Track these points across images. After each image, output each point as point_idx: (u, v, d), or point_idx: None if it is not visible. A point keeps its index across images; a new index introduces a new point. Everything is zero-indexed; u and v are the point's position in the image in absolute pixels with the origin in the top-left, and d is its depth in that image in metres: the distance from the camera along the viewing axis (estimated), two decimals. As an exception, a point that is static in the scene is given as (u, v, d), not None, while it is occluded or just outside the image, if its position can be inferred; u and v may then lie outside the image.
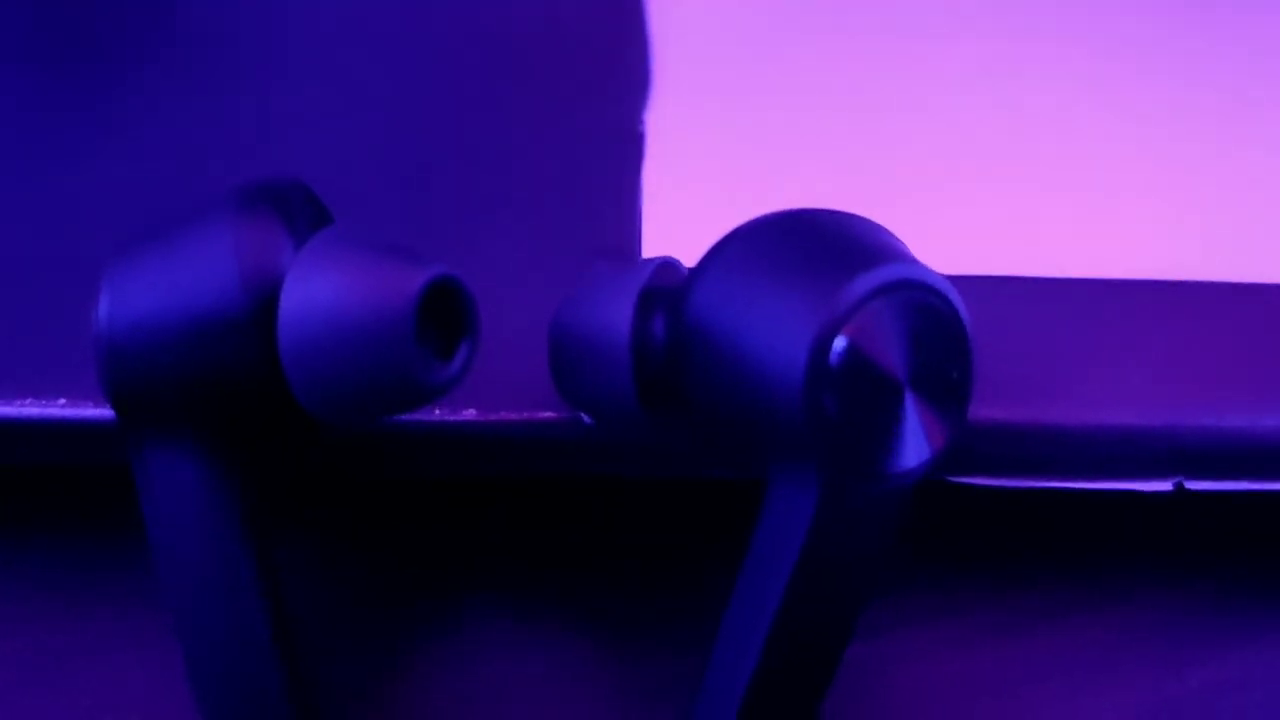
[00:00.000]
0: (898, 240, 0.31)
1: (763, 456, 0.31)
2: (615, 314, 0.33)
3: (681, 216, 0.40)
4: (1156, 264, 0.38)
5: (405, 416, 0.35)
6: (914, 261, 0.30)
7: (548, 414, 0.35)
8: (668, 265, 0.34)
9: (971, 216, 0.40)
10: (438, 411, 0.36)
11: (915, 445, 0.30)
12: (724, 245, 0.32)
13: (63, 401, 0.36)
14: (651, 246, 0.39)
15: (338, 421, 0.31)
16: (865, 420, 0.29)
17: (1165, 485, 0.37)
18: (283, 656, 0.33)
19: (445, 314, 0.31)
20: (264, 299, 0.31)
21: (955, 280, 0.31)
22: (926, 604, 0.37)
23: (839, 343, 0.29)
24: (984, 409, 0.35)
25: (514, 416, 0.36)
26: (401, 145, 0.41)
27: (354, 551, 0.38)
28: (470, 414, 0.36)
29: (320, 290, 0.30)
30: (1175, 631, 0.37)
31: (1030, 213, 0.39)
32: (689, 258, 0.33)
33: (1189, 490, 0.36)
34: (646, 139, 0.41)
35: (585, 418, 0.35)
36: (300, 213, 0.32)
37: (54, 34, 0.43)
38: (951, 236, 0.39)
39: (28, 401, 0.36)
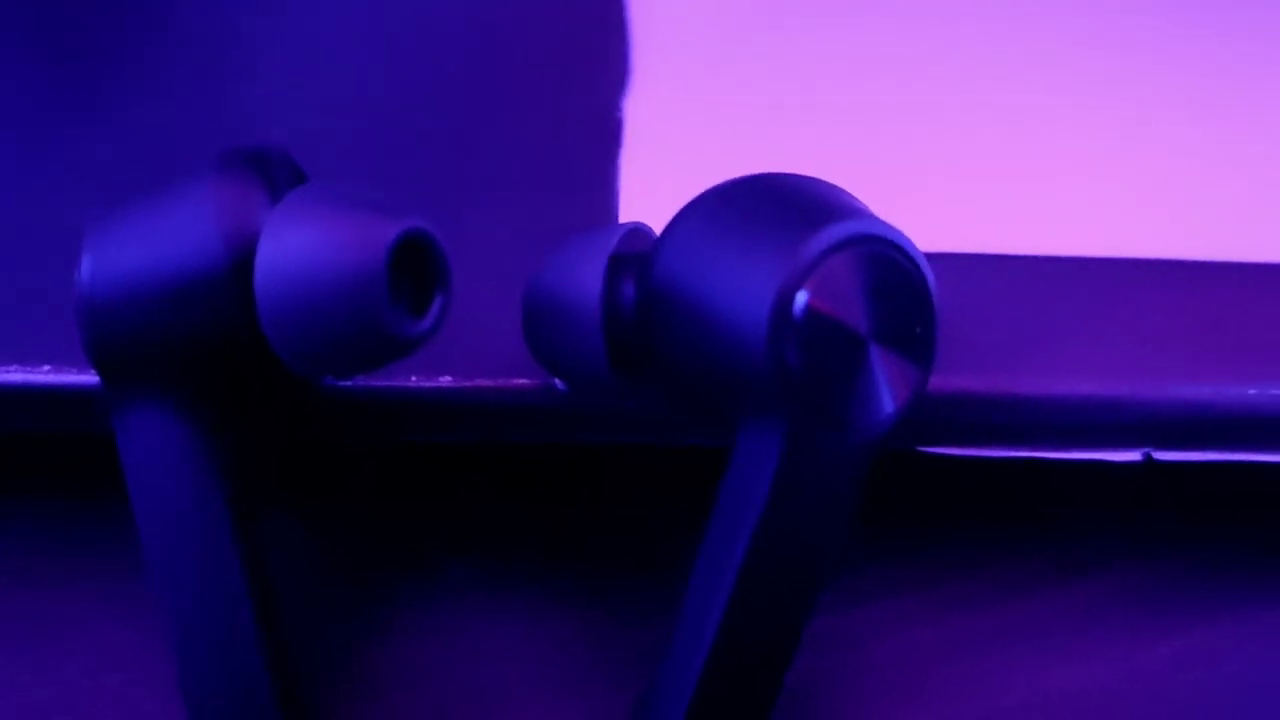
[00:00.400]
0: (859, 201, 0.32)
1: (730, 412, 0.32)
2: (585, 278, 0.34)
3: (658, 199, 0.41)
4: (1126, 243, 0.39)
5: (381, 382, 0.36)
6: (874, 217, 0.31)
7: (522, 381, 0.36)
8: (637, 231, 0.34)
9: (947, 196, 0.40)
10: (414, 378, 0.36)
11: (880, 397, 0.30)
12: (690, 208, 0.33)
13: (47, 368, 0.37)
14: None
15: (314, 376, 0.32)
16: (830, 371, 0.30)
17: (1134, 455, 0.37)
18: (263, 618, 0.33)
19: (419, 268, 0.32)
20: (242, 254, 0.31)
21: (930, 258, 0.31)
22: (897, 575, 0.37)
23: (801, 296, 0.30)
24: (955, 379, 0.36)
25: (489, 383, 0.36)
26: (385, 128, 0.41)
27: (330, 517, 0.38)
28: (446, 380, 0.36)
29: (294, 243, 0.31)
30: (1144, 603, 0.37)
31: (1005, 193, 0.40)
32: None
33: (1158, 461, 0.37)
34: (625, 126, 0.42)
35: (559, 384, 0.36)
36: (279, 174, 0.33)
37: (51, 20, 0.44)
38: (927, 216, 0.40)
39: (13, 368, 0.37)
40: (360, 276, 0.30)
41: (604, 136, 0.41)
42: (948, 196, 0.40)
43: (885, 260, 0.30)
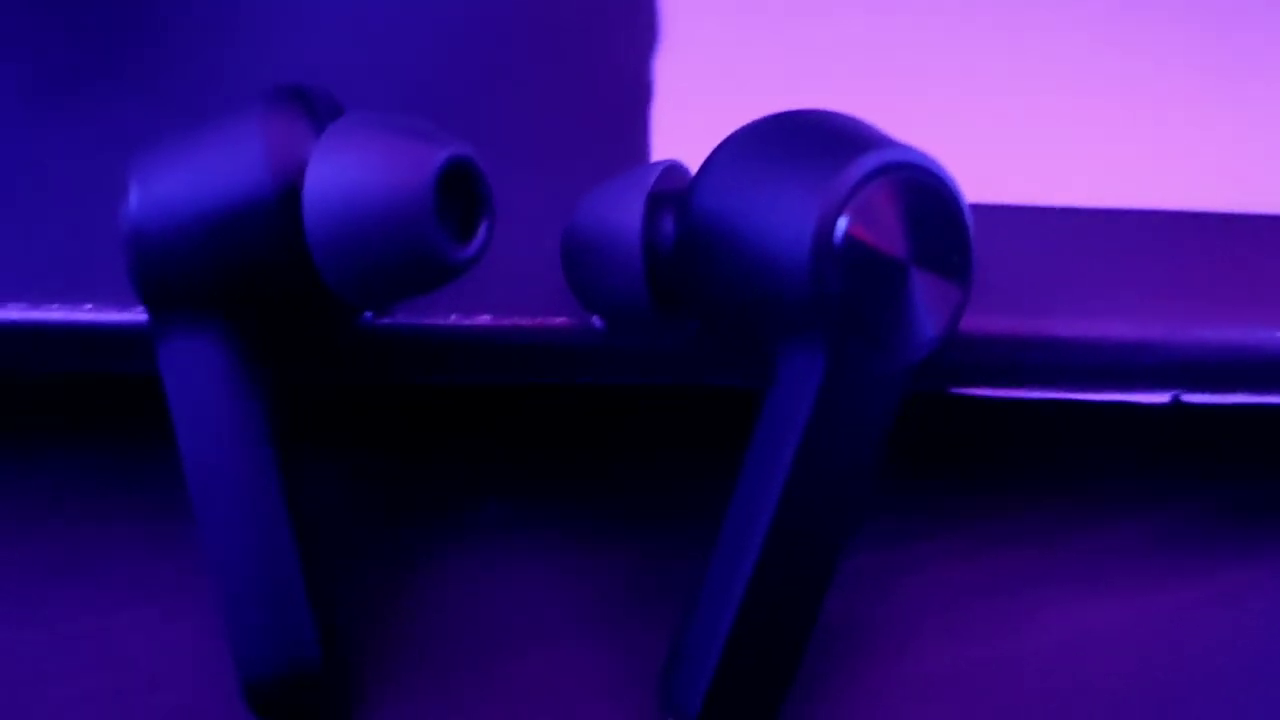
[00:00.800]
0: (891, 133, 0.32)
1: (771, 338, 0.32)
2: (625, 215, 0.34)
3: (689, 152, 0.41)
4: (1156, 194, 0.40)
5: (421, 320, 0.36)
6: (909, 146, 0.31)
7: (560, 320, 0.37)
8: (674, 168, 0.35)
9: (977, 147, 0.41)
10: (453, 316, 0.37)
11: (921, 320, 0.31)
12: (726, 144, 0.33)
13: (89, 306, 0.37)
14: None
15: (360, 302, 0.32)
16: (871, 294, 0.30)
17: (1163, 398, 0.37)
18: (301, 541, 0.34)
19: (464, 195, 0.32)
20: (290, 181, 0.32)
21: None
22: (930, 516, 0.38)
23: (842, 222, 0.30)
24: (987, 320, 0.37)
25: (527, 322, 0.37)
26: (415, 92, 0.42)
27: (367, 456, 0.39)
28: (485, 319, 0.37)
29: (342, 167, 0.31)
30: (1174, 544, 0.37)
31: (1034, 143, 0.40)
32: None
33: (1186, 403, 0.37)
34: (655, 85, 0.42)
35: (597, 322, 0.36)
36: (322, 109, 0.33)
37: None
38: (959, 167, 0.40)
39: (55, 307, 0.37)
40: (408, 199, 0.31)
41: (635, 95, 0.42)
42: (978, 148, 0.41)
43: (921, 185, 0.31)
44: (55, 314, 0.37)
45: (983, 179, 0.41)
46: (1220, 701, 0.35)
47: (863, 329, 0.31)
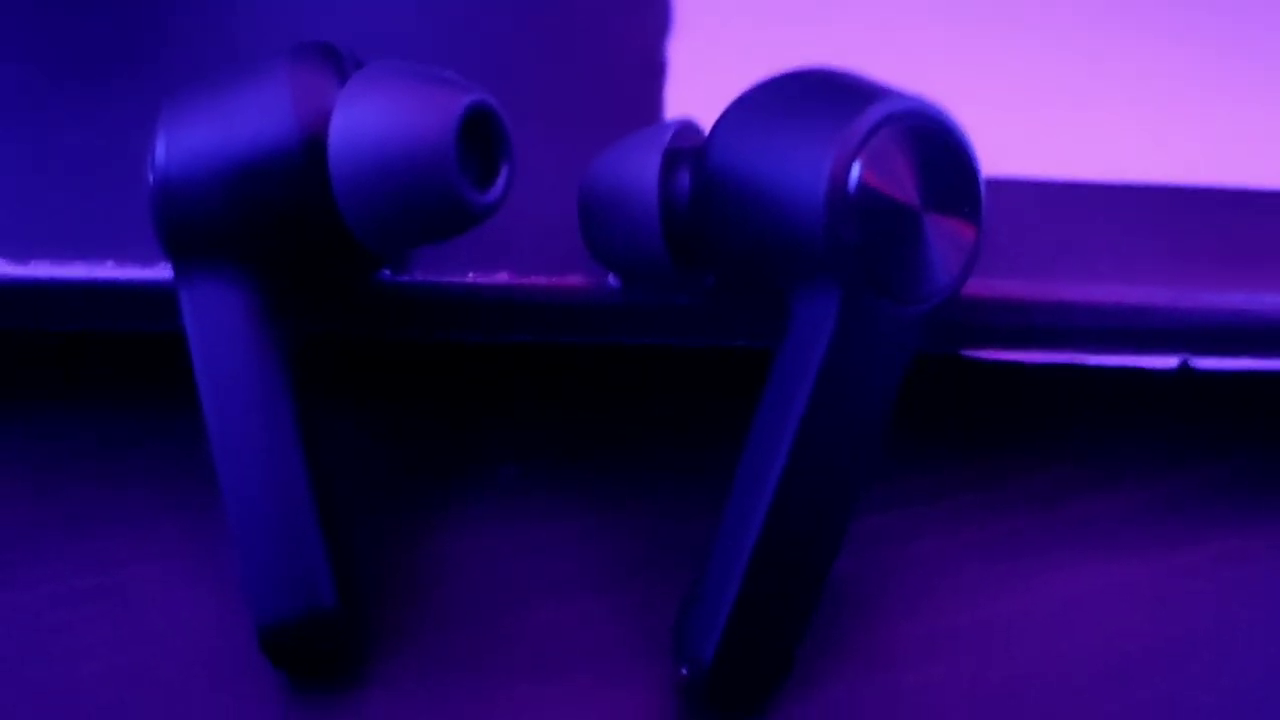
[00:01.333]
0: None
1: (786, 285, 0.33)
2: (642, 172, 0.35)
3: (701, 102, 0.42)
4: (1160, 170, 0.40)
5: (439, 277, 0.37)
6: (917, 96, 0.32)
7: (577, 278, 0.37)
8: (688, 126, 0.35)
9: (986, 121, 0.41)
10: (471, 274, 0.37)
11: (933, 265, 0.32)
12: (740, 100, 0.34)
13: (110, 264, 0.37)
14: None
15: (383, 247, 0.33)
16: (884, 238, 0.31)
17: (1171, 362, 0.38)
18: (320, 494, 0.34)
19: (484, 143, 0.33)
20: (315, 130, 0.32)
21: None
22: (938, 479, 0.38)
23: (855, 168, 0.31)
24: (996, 283, 0.37)
25: (545, 280, 0.37)
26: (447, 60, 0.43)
27: (383, 413, 0.39)
28: (503, 276, 0.37)
29: (367, 113, 0.32)
30: (1181, 508, 0.38)
31: (1039, 118, 0.41)
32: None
33: (1194, 369, 0.38)
34: (668, 67, 0.43)
35: (613, 280, 0.37)
36: (347, 61, 0.34)
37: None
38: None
39: (76, 264, 0.38)
40: (431, 143, 0.31)
41: (649, 68, 0.43)
42: (987, 121, 0.41)
43: (930, 133, 0.31)
44: (77, 271, 0.38)
45: (994, 153, 0.42)
46: (1227, 660, 0.35)
47: (877, 274, 0.31)
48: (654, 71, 0.43)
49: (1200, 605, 0.36)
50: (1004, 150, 0.40)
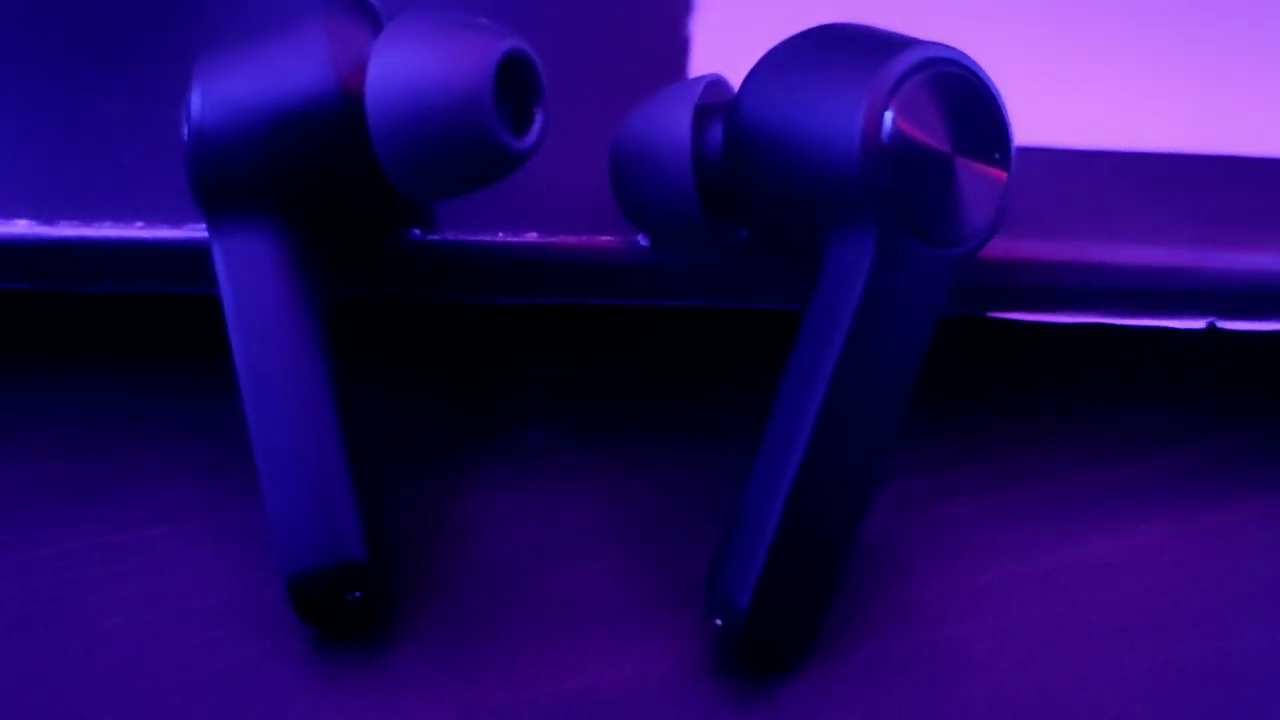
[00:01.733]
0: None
1: (820, 234, 0.33)
2: (674, 127, 0.35)
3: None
4: (1184, 139, 0.40)
5: (469, 236, 0.37)
6: (944, 44, 0.32)
7: (607, 238, 0.37)
8: (717, 82, 0.36)
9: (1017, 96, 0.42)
10: (501, 234, 0.37)
11: (965, 208, 0.32)
12: (769, 54, 0.34)
13: (140, 224, 0.37)
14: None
15: (422, 193, 0.33)
16: (917, 182, 0.31)
17: (1198, 324, 0.38)
18: (350, 446, 0.34)
19: (519, 90, 0.33)
20: (352, 77, 0.32)
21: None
22: (967, 441, 0.38)
23: (888, 114, 0.31)
24: (1024, 244, 0.37)
25: (574, 240, 0.37)
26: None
27: (413, 373, 0.39)
28: (532, 236, 0.37)
29: (404, 60, 0.32)
30: (1206, 472, 0.38)
31: (1064, 87, 0.41)
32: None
33: (1222, 330, 0.38)
34: (691, 44, 0.43)
35: (643, 240, 0.37)
36: (379, 11, 0.34)
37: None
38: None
39: (106, 224, 0.38)
40: (469, 89, 0.32)
41: (673, 52, 0.43)
42: (1013, 90, 0.42)
43: (959, 79, 0.32)
44: (107, 231, 0.38)
45: (1020, 121, 0.42)
46: (1255, 621, 0.35)
47: (911, 215, 0.31)
48: (679, 30, 0.43)
49: (1227, 567, 0.36)
50: (1030, 119, 0.41)
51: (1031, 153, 0.39)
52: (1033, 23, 0.42)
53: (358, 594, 0.33)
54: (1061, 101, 0.41)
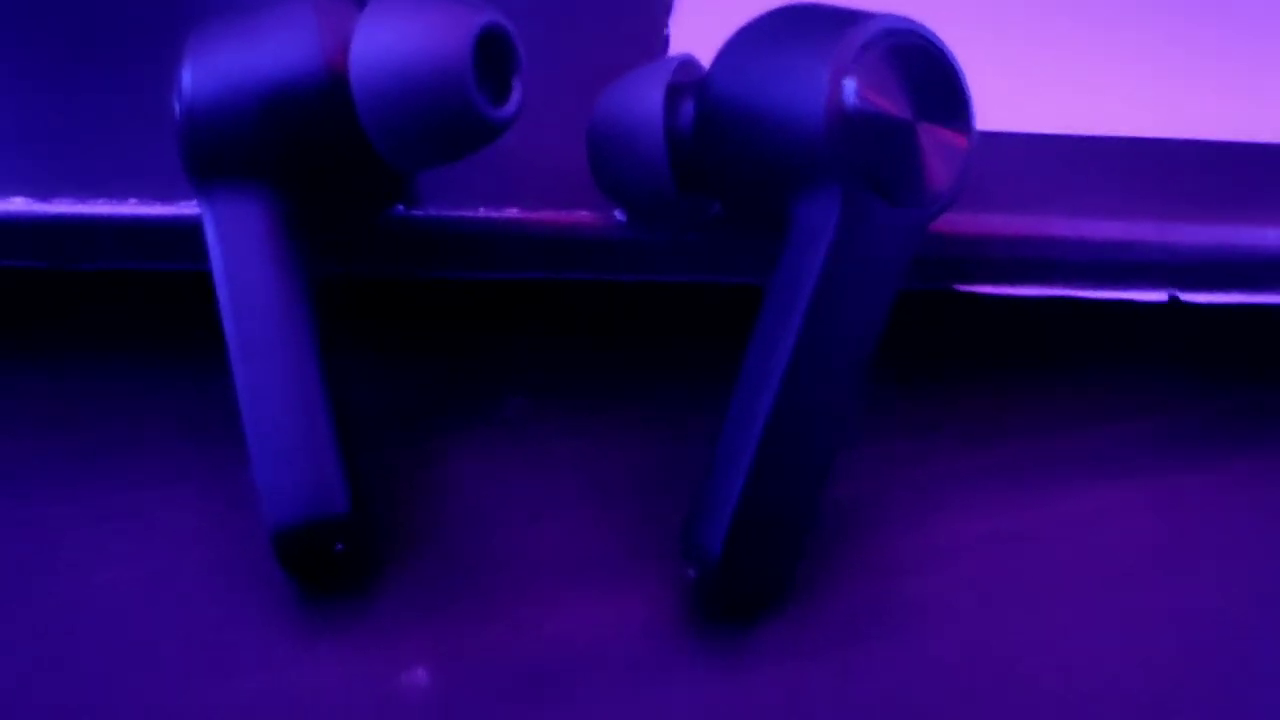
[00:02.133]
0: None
1: (789, 200, 0.34)
2: (647, 105, 0.36)
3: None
4: (1147, 124, 0.42)
5: (451, 212, 0.38)
6: (901, 15, 0.34)
7: (584, 213, 0.38)
8: (688, 62, 0.37)
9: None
10: (482, 209, 0.38)
11: (928, 171, 0.33)
12: (737, 33, 0.36)
13: (133, 201, 0.39)
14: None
15: (406, 162, 0.34)
16: (880, 143, 0.33)
17: (1160, 296, 0.39)
18: (335, 407, 0.35)
19: (498, 61, 0.34)
20: (338, 51, 0.34)
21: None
22: (937, 408, 0.39)
23: (850, 82, 0.32)
24: (988, 219, 0.39)
25: (554, 216, 0.38)
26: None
27: (397, 347, 0.41)
28: (513, 212, 0.38)
29: (388, 32, 0.33)
30: (1169, 443, 0.39)
31: (1023, 72, 0.43)
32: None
33: (1183, 302, 0.39)
34: (670, 42, 0.44)
35: (619, 215, 0.38)
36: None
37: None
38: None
39: (100, 201, 0.39)
40: (450, 59, 0.33)
41: (652, 34, 0.44)
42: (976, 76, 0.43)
43: (917, 48, 0.33)
44: (99, 208, 0.39)
45: (985, 107, 0.44)
46: (1226, 574, 0.36)
47: (876, 176, 0.33)
48: (658, 13, 0.44)
49: (1193, 525, 0.37)
50: (997, 104, 0.42)
51: (998, 137, 0.40)
52: (999, 14, 0.44)
53: (340, 546, 0.34)
54: (1028, 88, 0.42)
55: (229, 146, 0.35)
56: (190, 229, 0.37)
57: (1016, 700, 0.34)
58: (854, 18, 0.34)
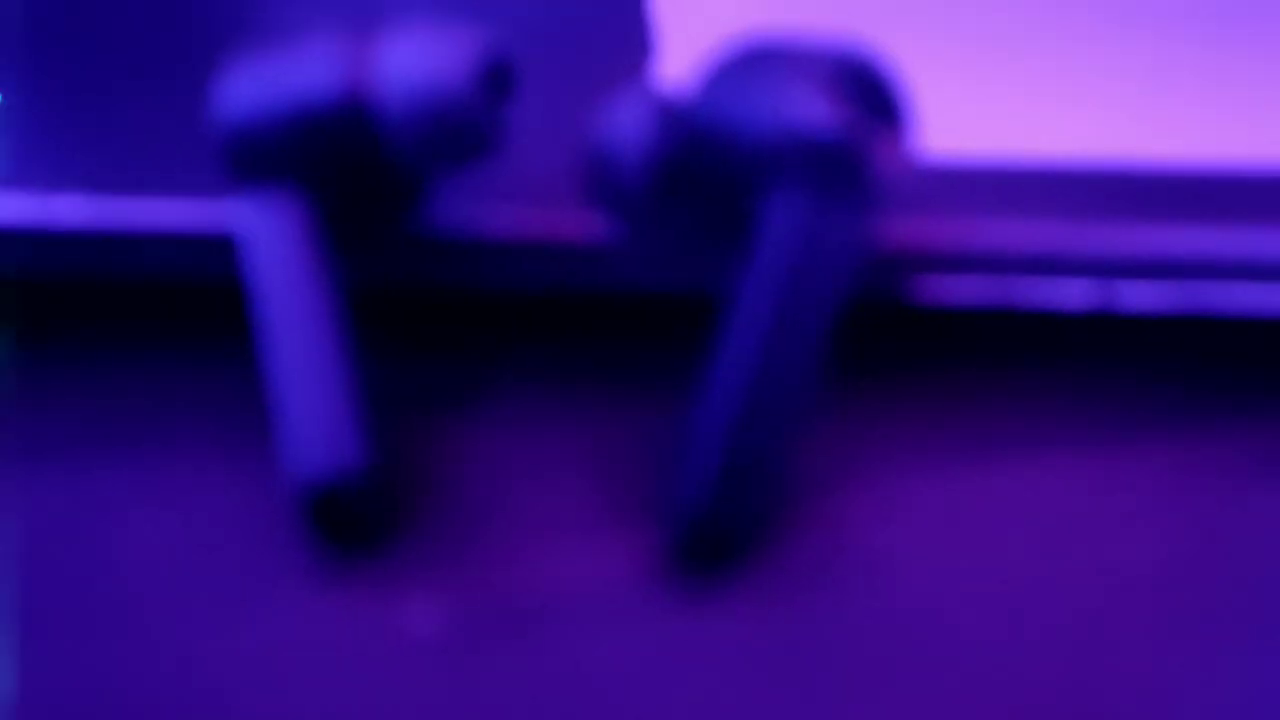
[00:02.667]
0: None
1: (761, 203, 0.39)
2: (636, 125, 0.41)
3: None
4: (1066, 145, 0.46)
5: (455, 226, 0.43)
6: (854, 40, 0.40)
7: (579, 226, 0.43)
8: (671, 87, 0.42)
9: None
10: (481, 225, 0.43)
11: (878, 171, 0.39)
12: (714, 63, 0.41)
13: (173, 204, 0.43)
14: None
15: (418, 165, 0.40)
16: (839, 152, 0.38)
17: (1092, 294, 0.43)
18: (356, 375, 0.40)
19: (498, 80, 0.40)
20: (361, 74, 0.40)
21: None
22: (892, 399, 0.44)
23: (813, 100, 0.39)
24: (927, 223, 0.43)
25: (550, 227, 0.43)
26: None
27: (396, 354, 0.45)
28: (510, 225, 0.43)
29: (406, 58, 0.39)
30: (1113, 419, 0.43)
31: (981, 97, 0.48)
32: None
33: (1116, 304, 0.43)
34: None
35: (608, 228, 0.43)
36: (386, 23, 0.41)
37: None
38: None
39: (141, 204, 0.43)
40: (461, 76, 0.39)
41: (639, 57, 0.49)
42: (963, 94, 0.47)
43: (865, 66, 0.40)
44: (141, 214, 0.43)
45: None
46: (1165, 533, 0.40)
47: (835, 179, 0.39)
48: (645, 39, 0.50)
49: (1142, 495, 0.41)
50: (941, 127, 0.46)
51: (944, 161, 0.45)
52: (942, 38, 0.49)
53: (360, 507, 0.39)
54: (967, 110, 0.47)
55: (263, 153, 0.40)
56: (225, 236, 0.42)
57: (961, 646, 0.38)
58: (812, 46, 0.40)
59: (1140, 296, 0.43)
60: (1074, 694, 0.37)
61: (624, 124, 0.41)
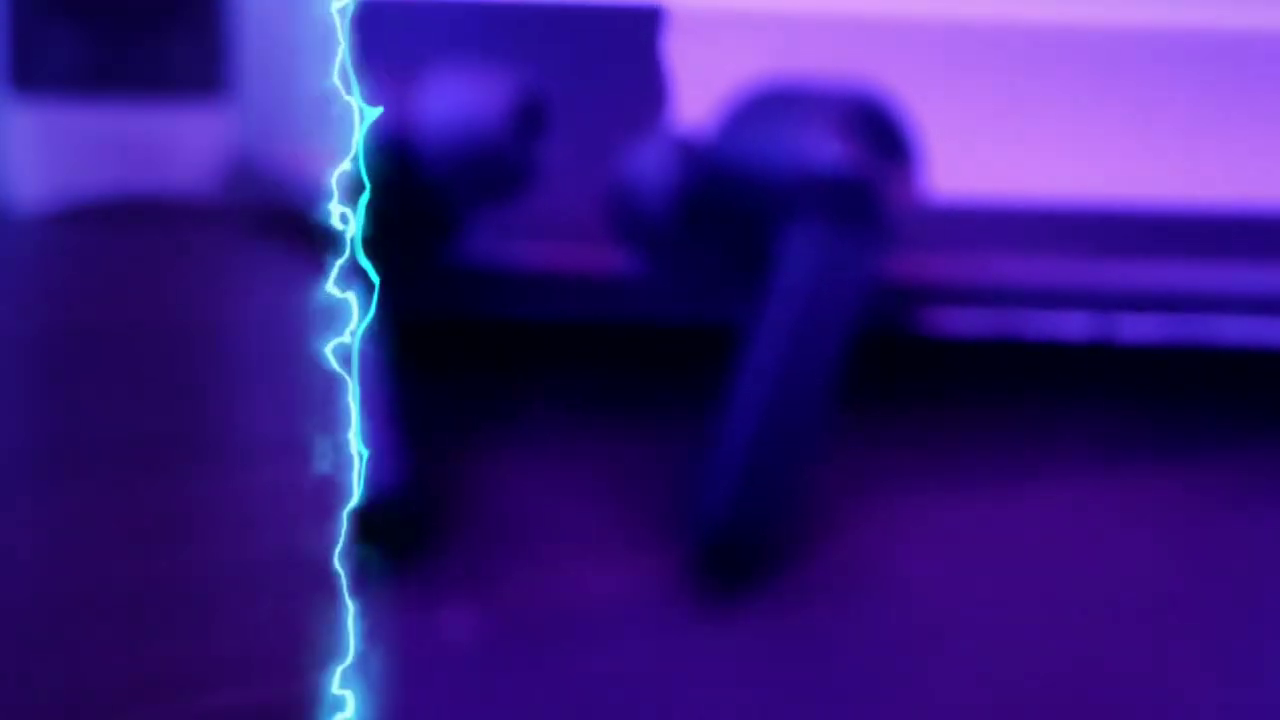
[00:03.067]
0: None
1: (778, 235, 0.42)
2: (659, 165, 0.44)
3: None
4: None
5: (486, 260, 0.46)
6: (865, 83, 0.42)
7: (604, 260, 0.46)
8: (692, 128, 0.45)
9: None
10: (511, 257, 0.46)
11: (889, 204, 0.41)
12: (733, 104, 0.44)
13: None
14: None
15: (456, 200, 0.42)
16: (852, 187, 0.41)
17: (1093, 327, 0.46)
18: (401, 397, 0.42)
19: (531, 122, 0.43)
20: (403, 116, 0.42)
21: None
22: (899, 431, 0.46)
23: (826, 140, 0.41)
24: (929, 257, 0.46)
25: (579, 261, 0.46)
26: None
27: (432, 380, 0.47)
28: (539, 258, 0.46)
29: (444, 94, 0.42)
30: (1111, 445, 0.45)
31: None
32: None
33: (1115, 338, 0.46)
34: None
35: (632, 260, 0.45)
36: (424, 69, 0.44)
37: None
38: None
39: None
40: (497, 115, 0.42)
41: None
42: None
43: (875, 107, 0.42)
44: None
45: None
46: (1159, 537, 0.42)
47: (849, 213, 0.41)
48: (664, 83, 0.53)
49: (1160, 522, 0.43)
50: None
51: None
52: (949, 84, 0.52)
53: (402, 521, 0.41)
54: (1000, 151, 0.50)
55: None
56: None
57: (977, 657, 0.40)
58: (826, 88, 0.42)
59: (1138, 328, 0.46)
60: (1080, 714, 0.38)
61: (647, 163, 0.44)
